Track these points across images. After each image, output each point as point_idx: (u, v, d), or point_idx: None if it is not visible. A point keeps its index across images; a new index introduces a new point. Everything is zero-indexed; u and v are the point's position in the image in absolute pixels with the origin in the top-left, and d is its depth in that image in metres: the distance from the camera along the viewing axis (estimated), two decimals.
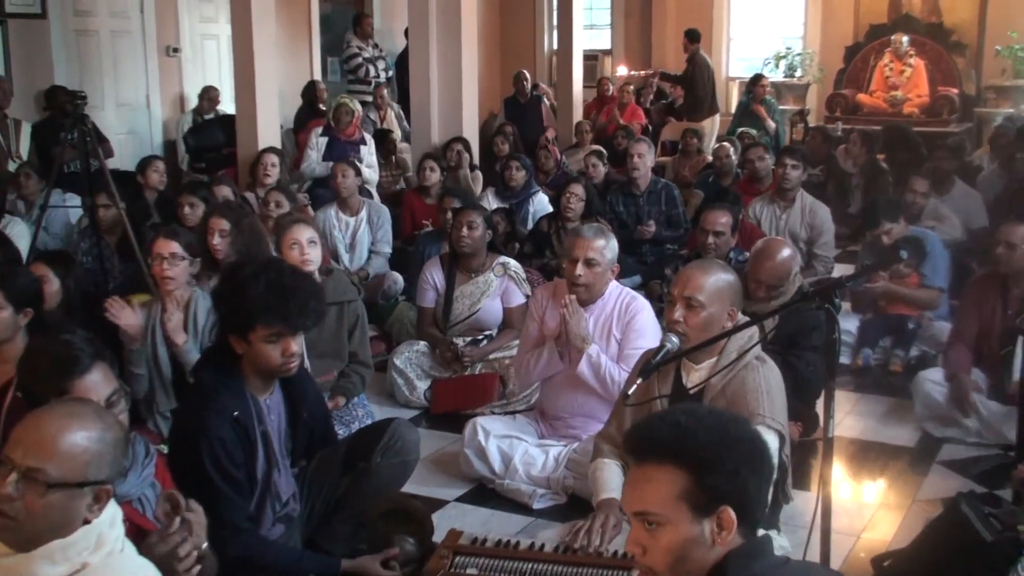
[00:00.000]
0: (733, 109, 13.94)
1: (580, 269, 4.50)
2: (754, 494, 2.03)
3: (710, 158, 10.13)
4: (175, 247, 4.62)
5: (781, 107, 13.23)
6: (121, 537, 2.30)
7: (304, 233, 5.04)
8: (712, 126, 12.84)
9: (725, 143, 9.53)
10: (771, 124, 12.18)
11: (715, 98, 13.08)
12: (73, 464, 2.19)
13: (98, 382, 2.81)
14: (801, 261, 7.21)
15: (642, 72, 14.44)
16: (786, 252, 4.97)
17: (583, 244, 4.52)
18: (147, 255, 5.07)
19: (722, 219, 5.88)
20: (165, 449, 3.94)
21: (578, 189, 7.35)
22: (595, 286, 4.56)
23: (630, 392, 3.47)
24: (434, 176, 8.34)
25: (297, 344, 3.39)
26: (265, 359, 3.37)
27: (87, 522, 2.23)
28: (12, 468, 2.16)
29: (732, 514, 2.00)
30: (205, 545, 2.64)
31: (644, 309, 4.61)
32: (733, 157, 9.22)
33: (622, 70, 14.34)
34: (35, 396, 2.79)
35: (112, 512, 2.29)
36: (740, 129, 11.87)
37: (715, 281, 3.48)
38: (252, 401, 3.44)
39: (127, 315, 4.51)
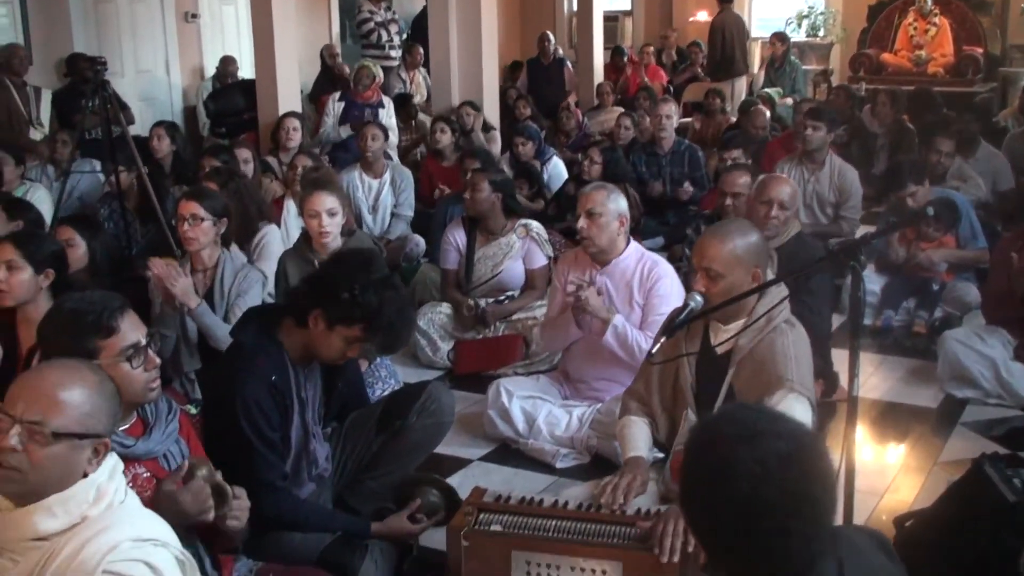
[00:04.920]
0: (755, 69, 13.84)
1: (583, 222, 4.50)
2: None
3: (733, 119, 10.04)
4: (196, 208, 4.56)
5: (804, 67, 13.11)
6: (122, 488, 2.31)
7: (324, 203, 4.96)
8: (735, 87, 12.72)
9: (761, 108, 9.37)
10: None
11: (735, 60, 12.93)
12: (73, 416, 2.22)
13: (128, 331, 2.79)
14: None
15: None
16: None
17: (583, 199, 4.55)
18: (172, 217, 5.04)
19: (740, 180, 5.65)
20: (193, 410, 3.96)
21: (595, 154, 7.42)
22: (601, 238, 4.50)
23: (654, 350, 3.46)
24: (445, 138, 8.30)
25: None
26: (328, 347, 3.35)
27: (86, 475, 2.26)
28: (14, 422, 2.19)
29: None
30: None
31: (667, 275, 4.54)
32: (767, 127, 9.12)
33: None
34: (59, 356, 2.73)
35: (111, 465, 2.31)
36: (761, 90, 11.77)
37: (731, 248, 3.41)
38: (291, 369, 3.40)
39: (172, 274, 4.38)
